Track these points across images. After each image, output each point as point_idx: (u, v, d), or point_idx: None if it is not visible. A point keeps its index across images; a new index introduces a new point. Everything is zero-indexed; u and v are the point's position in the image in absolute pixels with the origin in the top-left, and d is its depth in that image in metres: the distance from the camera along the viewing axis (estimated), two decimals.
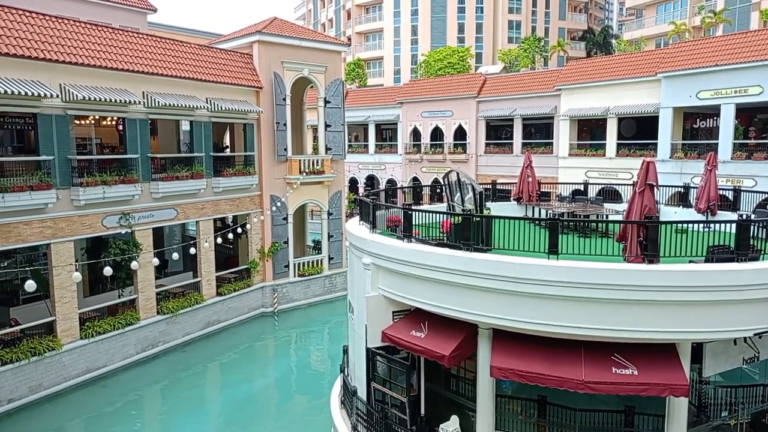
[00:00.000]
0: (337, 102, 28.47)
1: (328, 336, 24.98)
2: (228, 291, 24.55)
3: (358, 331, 13.73)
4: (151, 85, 20.91)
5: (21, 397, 17.07)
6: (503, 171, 34.92)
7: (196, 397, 18.88)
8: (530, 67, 54.81)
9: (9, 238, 16.82)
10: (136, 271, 20.08)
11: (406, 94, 43.47)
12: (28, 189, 16.78)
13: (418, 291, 11.76)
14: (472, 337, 11.45)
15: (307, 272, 27.74)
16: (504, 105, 36.98)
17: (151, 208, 21.08)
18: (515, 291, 10.15)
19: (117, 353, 19.92)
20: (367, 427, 12.95)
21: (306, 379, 20.63)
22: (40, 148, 17.61)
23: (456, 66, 55.95)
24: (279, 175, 26.52)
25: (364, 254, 13.16)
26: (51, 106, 17.67)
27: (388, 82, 66.04)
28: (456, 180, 14.17)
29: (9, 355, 16.75)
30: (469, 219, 11.32)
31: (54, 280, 18.00)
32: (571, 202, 19.12)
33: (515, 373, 10.25)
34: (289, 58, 26.46)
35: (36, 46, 17.32)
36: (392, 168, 44.91)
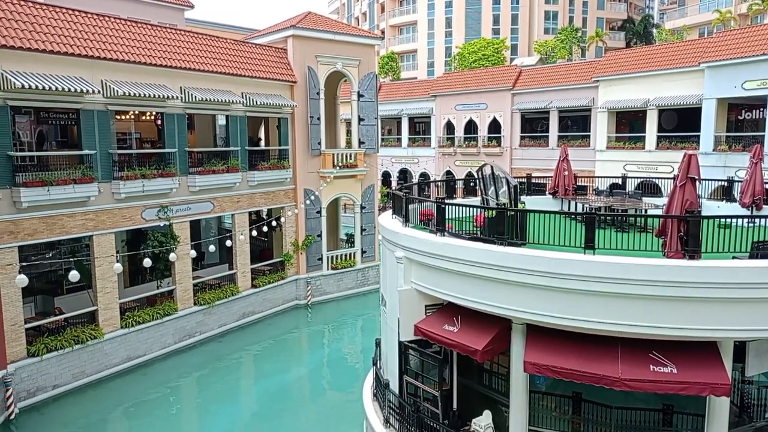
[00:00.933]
0: (370, 96, 28.48)
1: (361, 329, 25.12)
2: (263, 283, 24.91)
3: (391, 324, 13.75)
4: (188, 80, 21.29)
5: (65, 384, 17.69)
6: (538, 164, 34.43)
7: (231, 386, 19.25)
8: (567, 58, 53.76)
9: (54, 230, 17.40)
10: (174, 262, 20.55)
11: (439, 87, 43.18)
12: (72, 182, 17.31)
13: (451, 285, 11.70)
14: (505, 332, 11.34)
15: (340, 265, 27.92)
16: (540, 97, 36.40)
17: (188, 201, 21.51)
18: (550, 286, 10.01)
19: (156, 342, 20.45)
20: (399, 420, 12.99)
21: (339, 371, 20.80)
22: (83, 143, 18.13)
23: (491, 58, 55.29)
24: (312, 168, 26.71)
25: (396, 248, 13.16)
26: (93, 101, 18.16)
27: (422, 75, 65.70)
28: (490, 173, 14.01)
29: (54, 343, 17.37)
30: (504, 213, 11.19)
31: (96, 271, 18.56)
32: (609, 196, 18.73)
33: (549, 368, 10.12)
34: (323, 52, 26.57)
35: (79, 44, 17.82)
36: (425, 161, 44.74)
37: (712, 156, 26.82)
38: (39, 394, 17.04)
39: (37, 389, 17.00)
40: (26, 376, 16.71)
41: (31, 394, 16.85)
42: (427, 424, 12.13)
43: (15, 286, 15.89)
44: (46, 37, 16.97)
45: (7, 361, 16.29)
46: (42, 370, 17.09)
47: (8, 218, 16.28)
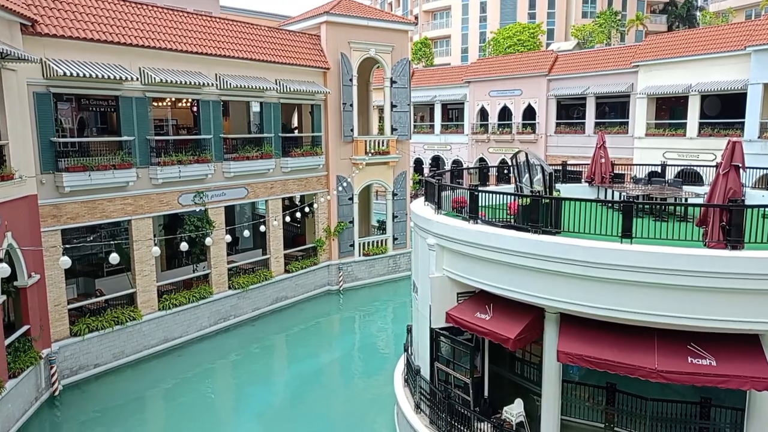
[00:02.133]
0: (403, 82, 28.31)
1: (392, 315, 25.21)
2: (295, 268, 25.19)
3: (422, 311, 13.76)
4: (223, 67, 21.51)
5: (105, 363, 18.29)
6: (574, 152, 33.79)
7: (264, 369, 19.59)
8: (605, 43, 52.40)
9: (94, 213, 17.90)
10: (210, 247, 20.94)
11: (473, 72, 42.65)
12: (111, 168, 17.75)
13: (484, 273, 11.63)
14: (538, 320, 11.24)
15: (371, 252, 28.02)
16: (576, 83, 35.62)
17: (223, 187, 21.83)
18: (585, 275, 9.86)
19: (192, 325, 20.93)
20: (429, 406, 13.04)
21: (370, 357, 20.96)
22: (122, 129, 18.54)
23: (526, 43, 54.27)
24: (345, 155, 26.77)
25: (428, 235, 13.13)
26: (131, 88, 18.53)
27: (455, 61, 64.95)
28: (524, 161, 13.82)
29: (95, 324, 17.94)
30: (538, 200, 11.04)
31: (135, 254, 19.04)
32: (647, 184, 18.27)
33: (583, 358, 9.99)
34: (356, 38, 26.49)
35: (118, 32, 18.16)
36: (458, 148, 44.37)
37: (756, 143, 25.88)
38: (81, 372, 17.66)
39: (79, 368, 17.62)
40: (69, 355, 17.33)
41: (73, 372, 17.48)
42: (458, 411, 12.15)
43: (58, 267, 16.43)
44: (86, 26, 17.34)
45: (52, 340, 16.91)
46: (84, 350, 17.69)
47: (52, 202, 16.81)
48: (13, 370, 14.82)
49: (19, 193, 15.30)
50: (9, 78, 15.06)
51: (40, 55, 15.94)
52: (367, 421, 15.93)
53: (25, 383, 15.37)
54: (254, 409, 16.45)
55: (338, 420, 16.06)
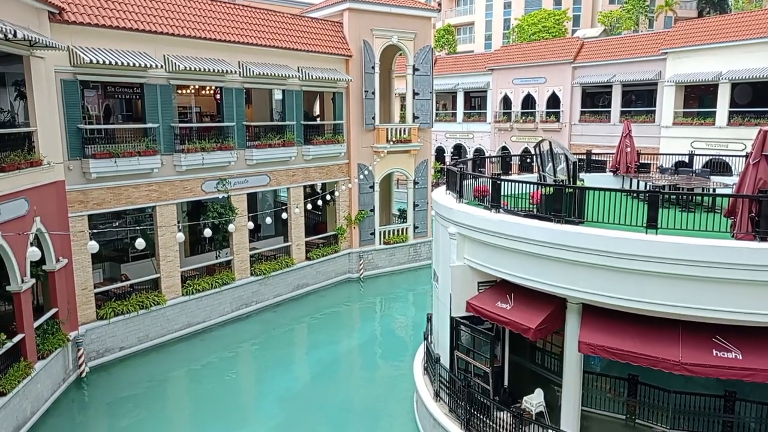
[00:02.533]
0: (425, 69, 28.11)
1: (412, 303, 25.26)
2: (316, 256, 25.34)
3: (443, 299, 13.75)
4: (246, 54, 21.57)
5: (131, 346, 18.66)
6: (599, 141, 33.28)
7: (285, 355, 19.81)
8: (633, 29, 51.28)
9: (120, 200, 18.19)
10: (232, 233, 21.16)
11: (497, 60, 42.17)
12: (137, 155, 17.98)
13: (505, 262, 11.57)
14: (559, 311, 11.16)
15: (392, 240, 28.03)
16: (602, 71, 35.02)
17: (245, 174, 21.99)
18: (609, 266, 9.74)
19: (214, 310, 21.23)
20: (449, 395, 13.07)
21: (390, 344, 21.04)
22: (146, 116, 18.75)
23: (551, 30, 53.42)
24: (366, 143, 26.73)
25: (450, 224, 13.08)
26: (156, 76, 18.70)
27: (479, 48, 64.24)
28: (548, 149, 13.66)
29: (120, 308, 18.30)
30: (561, 190, 10.92)
31: (159, 240, 19.32)
32: (674, 174, 17.94)
33: (605, 349, 9.91)
34: (379, 25, 26.33)
35: (143, 19, 18.31)
36: (480, 137, 44.03)
37: None
38: (107, 355, 18.06)
39: (105, 350, 18.02)
40: (95, 338, 17.72)
41: (99, 354, 17.88)
42: (478, 400, 12.16)
43: (85, 252, 16.79)
44: (112, 13, 17.51)
45: (79, 323, 17.31)
46: (110, 333, 18.07)
47: (79, 188, 17.12)
48: (42, 351, 15.21)
49: (47, 179, 15.60)
50: (37, 66, 15.31)
51: (68, 42, 16.15)
52: (386, 408, 16.04)
53: (54, 365, 15.77)
54: (275, 394, 16.66)
55: (358, 406, 16.19)
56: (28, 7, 14.73)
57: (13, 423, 13.58)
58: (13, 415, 13.57)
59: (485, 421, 11.92)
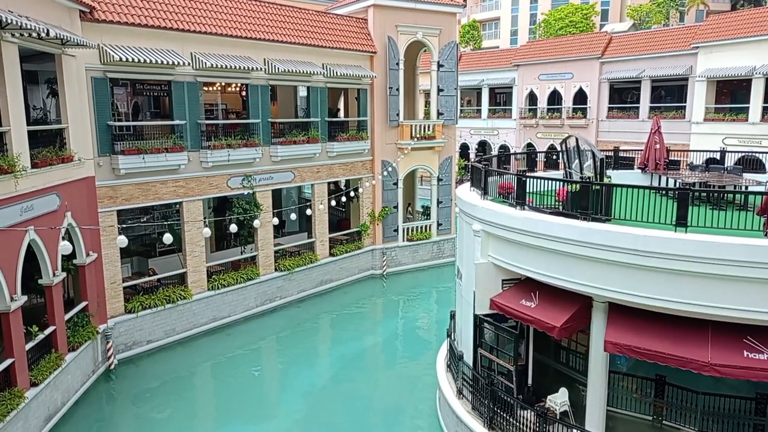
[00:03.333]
0: (450, 66, 27.95)
1: (435, 300, 25.20)
2: (340, 252, 25.43)
3: (466, 297, 13.69)
4: (271, 52, 21.71)
5: (157, 339, 18.98)
6: (627, 137, 32.77)
7: (309, 350, 19.94)
8: (663, 23, 50.25)
9: (148, 195, 18.49)
10: (258, 229, 21.36)
11: (523, 56, 41.73)
12: (164, 151, 18.24)
13: (530, 260, 11.46)
14: (585, 309, 11.01)
15: (415, 237, 27.99)
16: (631, 66, 34.40)
17: (270, 171, 22.16)
18: (636, 264, 9.57)
19: (239, 305, 21.46)
20: (472, 392, 13.01)
21: (413, 341, 21.03)
22: (174, 113, 19.01)
23: (578, 25, 52.62)
24: (390, 140, 26.71)
25: (474, 221, 13.00)
26: (183, 73, 18.94)
27: (504, 44, 63.64)
28: (575, 146, 13.48)
29: (148, 301, 18.62)
30: (588, 187, 10.76)
31: (185, 236, 19.60)
32: (705, 171, 17.55)
33: (631, 349, 9.75)
34: (404, 21, 26.26)
35: (171, 17, 18.55)
36: (505, 133, 43.65)
37: None
38: (135, 348, 18.40)
39: (133, 343, 18.36)
40: (124, 331, 18.07)
41: (127, 347, 18.23)
42: (501, 398, 12.07)
43: (115, 246, 17.14)
44: (141, 12, 17.78)
45: (108, 316, 17.67)
46: (137, 326, 18.41)
47: (108, 184, 17.46)
48: (72, 343, 15.57)
49: (78, 175, 15.95)
50: (69, 64, 15.64)
51: (98, 41, 16.45)
52: (408, 404, 16.04)
53: (83, 357, 16.13)
54: (299, 389, 16.79)
55: (380, 402, 16.23)
56: (61, 6, 15.05)
57: (45, 413, 13.94)
58: (45, 405, 13.92)
59: (508, 419, 11.84)
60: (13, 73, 12.91)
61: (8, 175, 12.30)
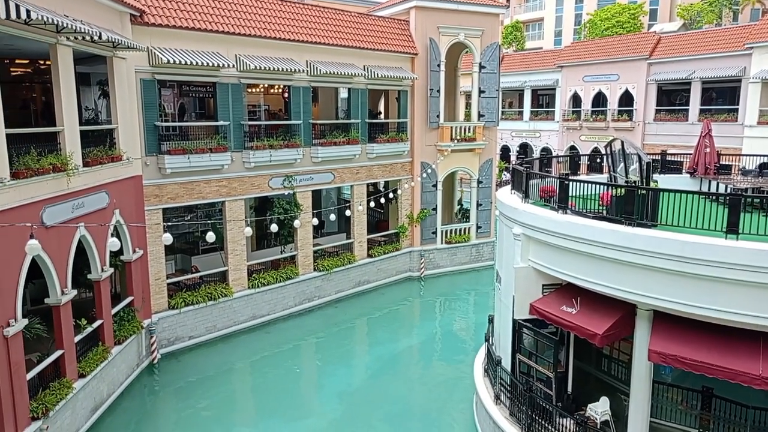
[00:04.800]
0: (492, 67, 27.67)
1: (473, 304, 24.97)
2: (378, 253, 25.48)
3: (505, 301, 13.51)
4: (314, 54, 21.93)
5: (199, 335, 19.41)
6: (674, 140, 31.79)
7: (346, 350, 20.04)
8: (716, 23, 48.56)
9: (192, 194, 18.93)
10: (297, 229, 21.60)
11: (567, 57, 41.00)
12: (208, 151, 18.65)
13: (572, 265, 11.23)
14: (628, 317, 10.73)
15: (454, 240, 27.80)
16: (680, 67, 33.37)
17: (311, 172, 22.38)
18: (684, 272, 9.26)
19: (278, 304, 21.74)
20: (510, 398, 12.83)
21: (450, 345, 20.89)
22: (218, 114, 19.41)
23: (625, 25, 51.34)
24: (430, 142, 26.62)
25: (514, 224, 12.83)
26: (228, 75, 19.32)
27: (548, 45, 62.65)
28: (620, 149, 13.15)
29: (191, 298, 19.06)
30: (634, 191, 10.48)
31: (227, 234, 19.98)
32: (758, 176, 16.87)
33: (677, 359, 9.44)
34: (445, 22, 26.14)
35: (216, 20, 18.96)
36: (548, 136, 42.98)
37: None
38: (177, 343, 18.86)
39: (175, 339, 18.82)
40: (167, 326, 18.54)
41: (170, 342, 18.70)
42: (539, 405, 11.86)
43: (160, 243, 17.60)
44: (188, 15, 18.24)
45: (152, 311, 18.16)
46: (180, 322, 18.86)
47: (155, 183, 17.95)
48: (118, 337, 16.07)
49: (126, 174, 16.46)
50: (119, 66, 16.17)
51: (147, 43, 16.95)
52: (445, 408, 15.93)
53: (128, 350, 16.63)
54: (335, 388, 16.89)
55: (416, 405, 16.17)
56: (113, 10, 15.58)
57: (91, 404, 14.42)
58: (91, 396, 14.41)
59: (547, 427, 11.63)
60: (67, 75, 13.41)
61: (61, 173, 12.79)
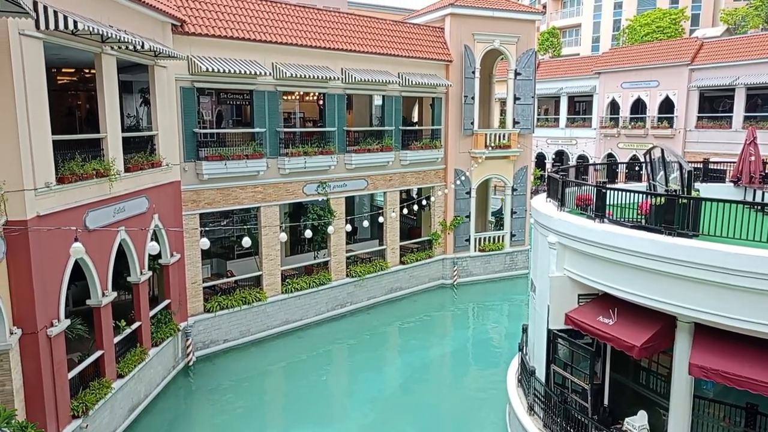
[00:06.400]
0: (528, 74, 27.42)
1: (507, 313, 24.67)
2: (410, 260, 25.42)
3: (540, 311, 13.30)
4: (348, 61, 22.11)
5: (233, 339, 19.67)
6: (717, 148, 30.91)
7: (377, 357, 20.03)
8: (761, 27, 47.08)
9: (228, 200, 19.26)
10: (330, 235, 21.75)
11: (605, 63, 40.34)
12: (245, 158, 18.95)
13: (609, 275, 10.99)
14: (668, 329, 10.43)
15: (487, 248, 27.55)
16: (724, 73, 32.44)
17: (344, 178, 22.52)
18: (727, 283, 8.97)
19: (311, 309, 21.89)
20: (544, 409, 12.60)
21: (482, 353, 20.66)
22: (254, 122, 19.73)
23: (666, 30, 50.23)
24: (464, 149, 26.49)
25: (549, 233, 12.65)
26: (264, 83, 19.63)
27: (585, 51, 61.73)
28: (660, 157, 12.85)
29: (226, 302, 19.34)
30: (674, 200, 10.21)
31: (262, 239, 20.23)
32: None
33: (719, 374, 9.12)
34: (481, 29, 26.04)
35: (255, 29, 19.31)
36: (584, 143, 42.30)
37: None
38: (212, 346, 19.14)
39: (210, 342, 19.12)
40: (202, 329, 18.85)
41: (205, 345, 19.00)
42: (574, 417, 11.62)
43: (197, 248, 17.94)
44: (227, 24, 18.62)
45: (188, 314, 18.50)
46: (215, 325, 19.16)
47: (192, 188, 18.33)
48: (155, 339, 16.41)
49: (165, 179, 16.85)
50: (160, 74, 16.60)
51: (187, 52, 17.37)
52: (477, 418, 15.74)
53: (165, 352, 16.96)
54: (366, 395, 16.88)
55: (448, 413, 16.03)
56: (155, 20, 16.02)
57: (129, 404, 14.75)
58: (129, 396, 14.74)
59: None
60: (111, 83, 13.83)
61: (104, 178, 13.17)
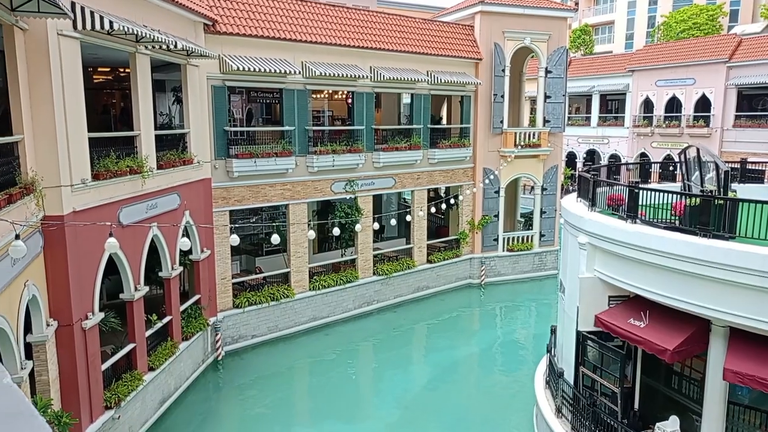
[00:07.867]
0: (559, 72, 27.04)
1: (535, 314, 24.41)
2: (437, 259, 25.34)
3: (569, 312, 13.12)
4: (377, 60, 22.12)
5: (261, 335, 19.89)
6: (756, 148, 30.03)
7: (404, 355, 20.03)
8: None
9: (258, 197, 19.48)
10: (358, 233, 21.82)
11: (639, 60, 39.54)
12: (274, 155, 19.13)
13: (641, 277, 10.78)
14: (702, 333, 10.18)
15: (515, 248, 27.28)
16: (764, 70, 31.47)
17: (372, 177, 22.55)
18: (764, 287, 8.70)
19: (338, 307, 22.00)
20: (572, 412, 12.43)
21: (510, 354, 20.49)
22: (284, 120, 19.90)
23: (703, 27, 48.98)
24: (493, 147, 26.27)
25: (580, 233, 12.46)
26: (294, 82, 19.78)
27: (618, 48, 60.57)
28: (695, 156, 12.55)
29: (254, 298, 19.58)
30: (710, 201, 9.95)
31: (290, 237, 20.40)
32: None
33: (755, 380, 8.86)
34: (511, 27, 25.77)
35: (285, 28, 19.47)
36: (616, 142, 41.54)
37: None
38: (240, 342, 19.40)
39: (239, 337, 19.37)
40: (231, 325, 19.11)
41: (234, 340, 19.26)
42: (603, 420, 11.43)
43: (226, 244, 18.19)
44: (258, 23, 18.82)
45: (217, 309, 18.77)
46: (243, 321, 19.40)
47: (223, 185, 18.59)
48: (185, 334, 16.70)
49: (196, 177, 17.12)
50: (192, 73, 16.87)
51: (219, 51, 17.60)
52: (504, 418, 15.62)
53: (195, 346, 17.25)
54: (392, 393, 16.89)
55: (474, 414, 15.94)
56: (188, 20, 16.29)
57: (159, 396, 15.05)
58: (160, 389, 15.03)
59: None
60: (144, 82, 14.11)
61: (137, 175, 13.45)
